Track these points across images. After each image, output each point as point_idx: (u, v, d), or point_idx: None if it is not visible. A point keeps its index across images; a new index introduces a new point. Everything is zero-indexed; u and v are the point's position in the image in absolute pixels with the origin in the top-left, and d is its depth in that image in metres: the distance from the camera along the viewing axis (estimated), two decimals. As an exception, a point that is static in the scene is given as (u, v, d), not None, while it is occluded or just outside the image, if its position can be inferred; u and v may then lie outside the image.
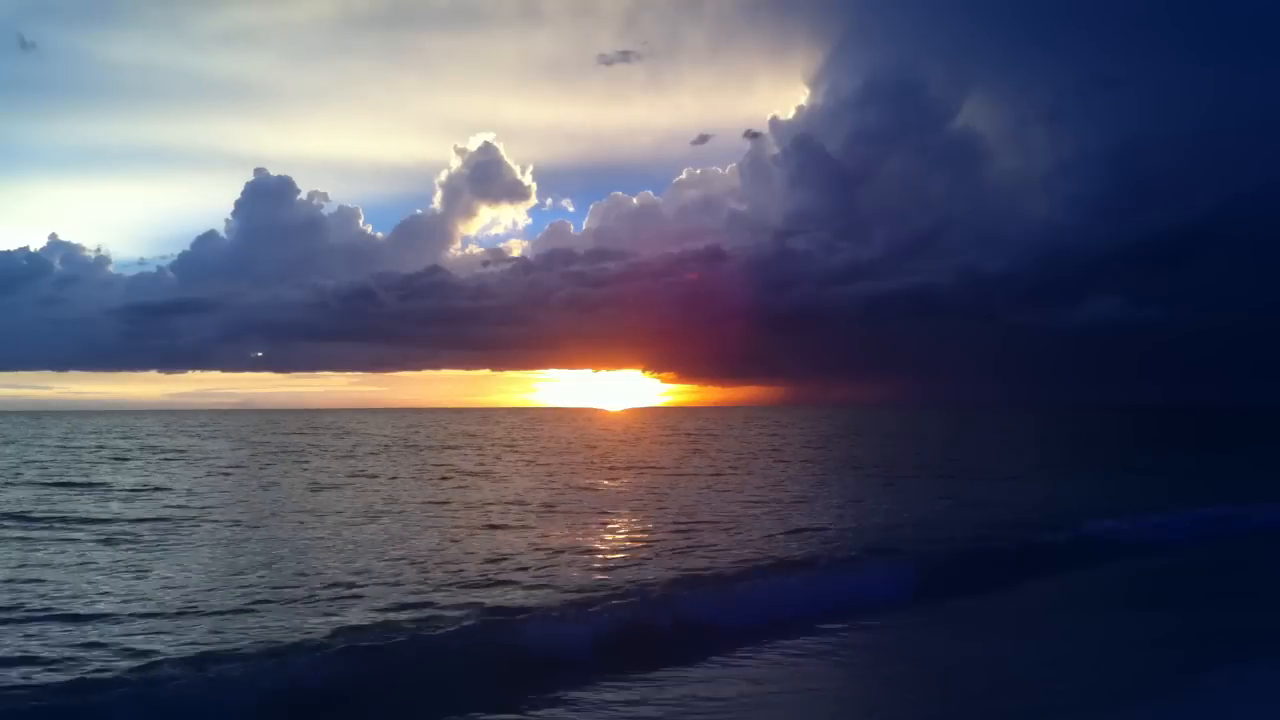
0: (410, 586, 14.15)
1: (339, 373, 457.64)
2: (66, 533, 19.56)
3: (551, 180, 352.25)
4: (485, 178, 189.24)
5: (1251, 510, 22.53)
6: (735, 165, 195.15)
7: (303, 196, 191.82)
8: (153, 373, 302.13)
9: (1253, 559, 18.61)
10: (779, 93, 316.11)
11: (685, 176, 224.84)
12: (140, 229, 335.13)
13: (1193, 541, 19.59)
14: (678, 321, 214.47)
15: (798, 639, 11.92)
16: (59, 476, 33.05)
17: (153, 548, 17.63)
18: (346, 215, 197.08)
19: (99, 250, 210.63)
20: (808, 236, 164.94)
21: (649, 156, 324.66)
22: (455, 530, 20.03)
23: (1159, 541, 19.12)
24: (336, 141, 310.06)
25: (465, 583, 14.45)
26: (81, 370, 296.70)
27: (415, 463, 41.85)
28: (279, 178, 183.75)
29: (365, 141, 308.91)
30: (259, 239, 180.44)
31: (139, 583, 14.43)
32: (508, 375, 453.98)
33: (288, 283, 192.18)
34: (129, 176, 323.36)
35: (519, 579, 14.79)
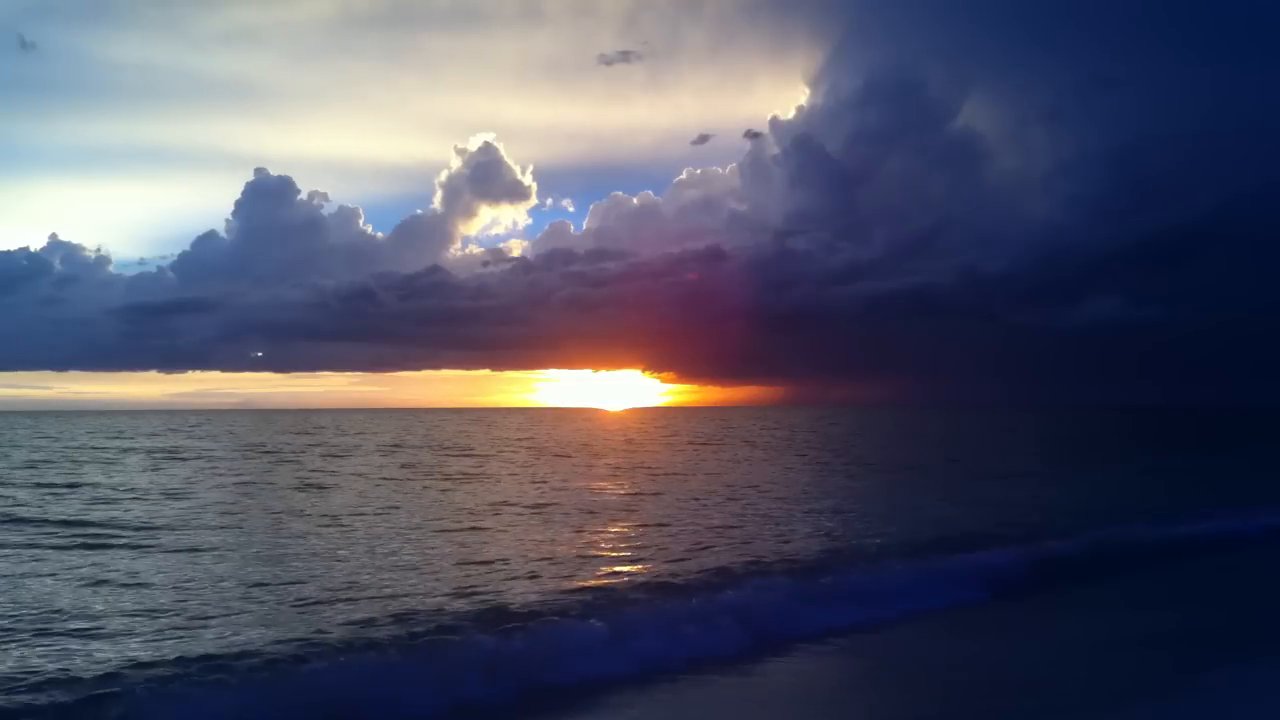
0: (401, 590, 14.09)
1: (339, 373, 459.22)
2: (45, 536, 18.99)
3: (551, 180, 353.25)
4: (485, 178, 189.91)
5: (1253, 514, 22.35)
6: (735, 165, 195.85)
7: (303, 196, 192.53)
8: (153, 373, 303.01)
9: (1253, 559, 18.60)
10: (779, 93, 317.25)
11: (685, 176, 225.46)
12: (140, 229, 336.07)
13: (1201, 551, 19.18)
14: (678, 321, 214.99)
15: (798, 640, 11.90)
16: (41, 478, 32.77)
17: (138, 552, 17.04)
18: (346, 215, 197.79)
19: (99, 250, 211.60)
20: (808, 236, 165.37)
21: (649, 156, 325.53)
22: (446, 533, 19.95)
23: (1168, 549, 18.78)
24: (336, 141, 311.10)
25: (462, 584, 14.41)
26: (81, 370, 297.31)
27: (409, 462, 41.81)
28: (279, 178, 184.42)
29: (365, 141, 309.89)
30: (259, 239, 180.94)
31: (124, 589, 14.02)
32: (508, 375, 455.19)
33: (288, 283, 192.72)
34: (129, 176, 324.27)
35: (517, 580, 14.71)
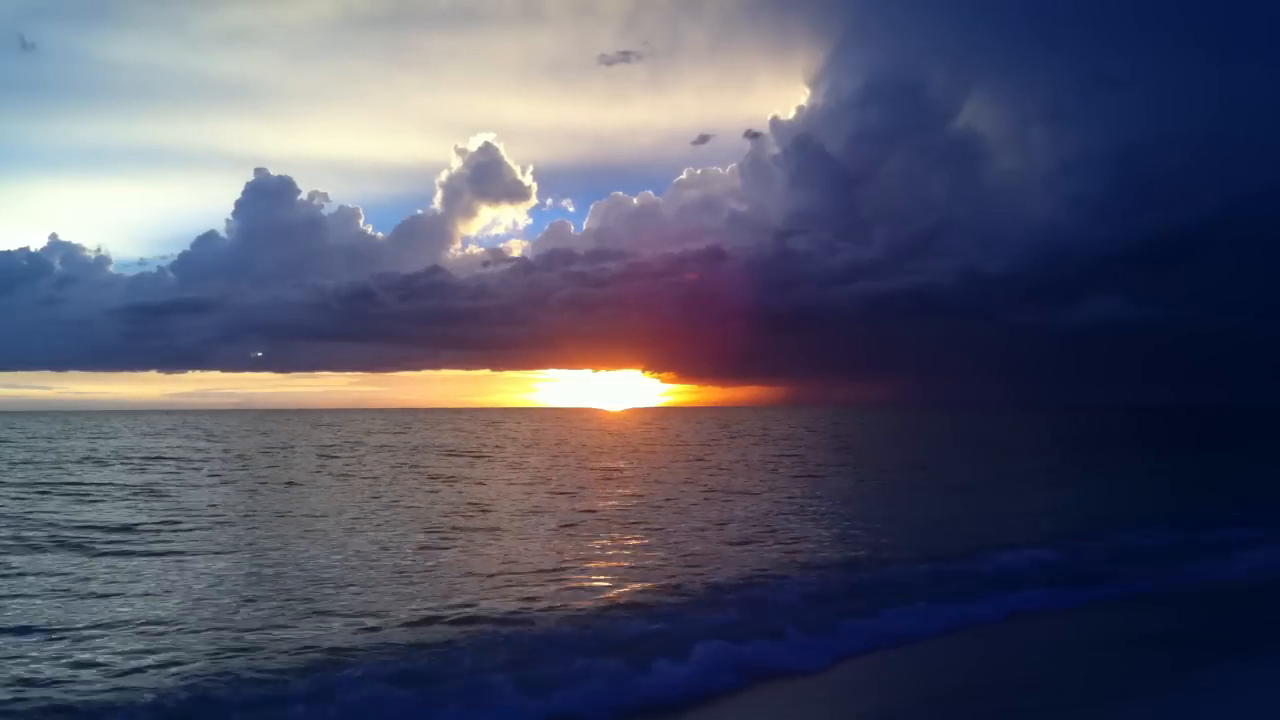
0: (397, 593, 14.06)
1: (339, 373, 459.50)
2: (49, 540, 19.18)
3: (552, 180, 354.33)
4: (485, 178, 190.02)
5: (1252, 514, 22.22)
6: (735, 165, 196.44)
7: (303, 196, 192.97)
8: (152, 373, 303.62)
9: (1251, 559, 18.47)
10: (779, 93, 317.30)
11: (685, 176, 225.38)
12: (140, 229, 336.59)
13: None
14: (678, 321, 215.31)
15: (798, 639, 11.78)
16: (39, 479, 32.85)
17: (138, 555, 17.15)
18: (346, 215, 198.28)
19: (99, 250, 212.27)
20: (808, 237, 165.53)
21: (649, 156, 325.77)
22: (440, 535, 19.90)
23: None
24: (336, 141, 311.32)
25: (456, 588, 14.37)
26: (81, 370, 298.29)
27: (407, 464, 41.81)
28: (279, 178, 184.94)
29: (365, 141, 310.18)
30: (259, 239, 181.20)
31: (126, 593, 14.17)
32: (507, 375, 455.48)
33: (288, 283, 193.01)
34: (129, 176, 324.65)
35: (521, 582, 14.70)
